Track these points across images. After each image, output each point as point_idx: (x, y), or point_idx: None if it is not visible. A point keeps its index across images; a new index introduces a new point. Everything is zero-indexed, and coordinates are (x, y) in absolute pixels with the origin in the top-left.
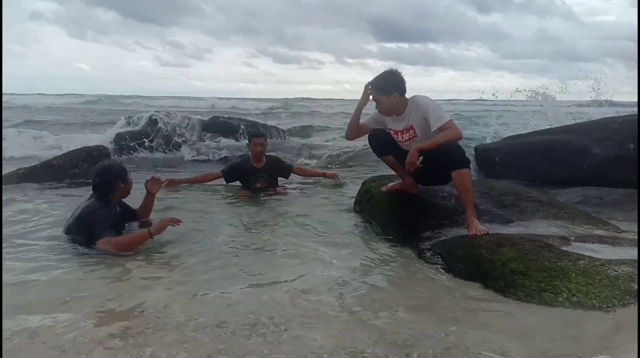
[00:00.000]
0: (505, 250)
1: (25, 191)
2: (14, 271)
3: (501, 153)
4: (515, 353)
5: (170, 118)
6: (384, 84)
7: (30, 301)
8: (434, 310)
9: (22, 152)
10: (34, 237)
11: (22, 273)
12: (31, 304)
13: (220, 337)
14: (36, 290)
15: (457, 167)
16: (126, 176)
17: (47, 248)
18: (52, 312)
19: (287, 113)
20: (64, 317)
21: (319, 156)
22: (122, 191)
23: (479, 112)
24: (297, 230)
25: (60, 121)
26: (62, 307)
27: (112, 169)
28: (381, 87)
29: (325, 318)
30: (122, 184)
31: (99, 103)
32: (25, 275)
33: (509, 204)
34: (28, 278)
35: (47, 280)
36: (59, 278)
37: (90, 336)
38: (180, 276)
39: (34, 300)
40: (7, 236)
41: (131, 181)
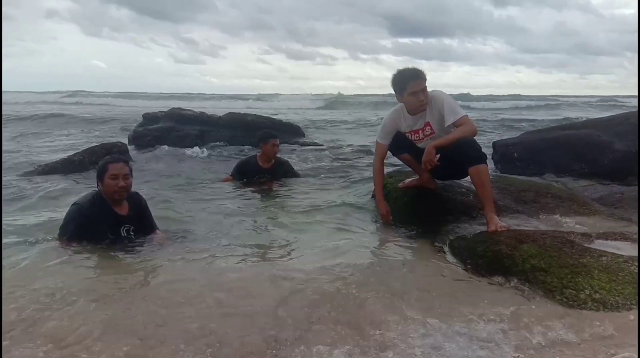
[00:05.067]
0: (526, 246)
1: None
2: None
3: (520, 148)
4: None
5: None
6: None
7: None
8: (452, 307)
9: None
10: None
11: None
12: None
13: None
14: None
15: (474, 163)
16: (102, 177)
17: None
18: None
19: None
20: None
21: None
22: (104, 190)
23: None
24: (313, 222)
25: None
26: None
27: (98, 166)
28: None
29: (339, 315)
30: (99, 183)
31: (119, 100)
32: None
33: (529, 201)
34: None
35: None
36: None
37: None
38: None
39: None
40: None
41: (113, 184)
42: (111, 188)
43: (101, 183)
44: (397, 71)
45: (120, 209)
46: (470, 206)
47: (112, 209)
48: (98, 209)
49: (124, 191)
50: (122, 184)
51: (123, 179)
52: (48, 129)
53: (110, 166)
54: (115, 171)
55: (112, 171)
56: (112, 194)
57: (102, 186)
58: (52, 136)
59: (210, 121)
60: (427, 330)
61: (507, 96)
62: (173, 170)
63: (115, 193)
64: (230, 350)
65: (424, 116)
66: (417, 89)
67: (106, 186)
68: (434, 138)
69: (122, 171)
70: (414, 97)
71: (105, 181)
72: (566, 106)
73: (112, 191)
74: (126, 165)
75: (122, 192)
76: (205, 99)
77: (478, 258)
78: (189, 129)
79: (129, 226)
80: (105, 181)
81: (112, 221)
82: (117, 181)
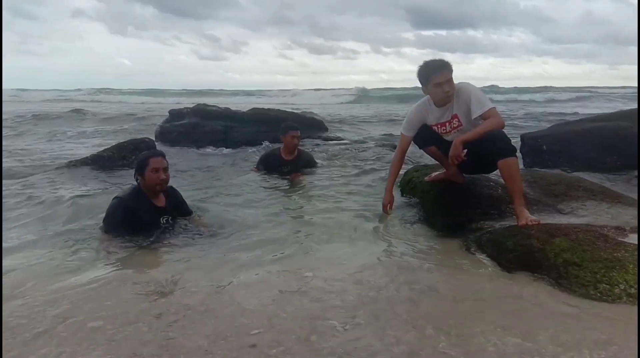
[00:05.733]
0: (558, 240)
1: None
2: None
3: (549, 140)
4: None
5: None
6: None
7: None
8: (481, 304)
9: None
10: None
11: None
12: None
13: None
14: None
15: (503, 156)
16: (143, 171)
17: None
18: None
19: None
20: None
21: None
22: (144, 184)
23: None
24: (338, 213)
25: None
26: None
27: (137, 161)
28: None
29: (365, 305)
30: (139, 176)
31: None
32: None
33: (560, 194)
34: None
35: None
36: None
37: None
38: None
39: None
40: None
41: (155, 177)
42: (153, 180)
43: (142, 177)
44: (423, 62)
45: (158, 201)
46: (499, 200)
47: (151, 201)
48: (138, 202)
49: (164, 183)
50: (163, 177)
51: (163, 172)
52: (77, 126)
53: (151, 160)
54: (156, 165)
55: (153, 164)
56: (153, 187)
57: (143, 180)
58: (82, 132)
59: (235, 117)
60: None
61: (536, 87)
62: (199, 164)
63: (157, 185)
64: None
65: (451, 108)
66: (441, 81)
67: (148, 179)
68: (462, 130)
69: (162, 164)
70: (438, 89)
71: (146, 175)
72: (596, 98)
73: (154, 184)
74: (164, 159)
75: (163, 184)
76: (227, 95)
77: (508, 252)
78: (213, 124)
79: (167, 216)
80: (147, 174)
81: (151, 212)
82: (158, 174)
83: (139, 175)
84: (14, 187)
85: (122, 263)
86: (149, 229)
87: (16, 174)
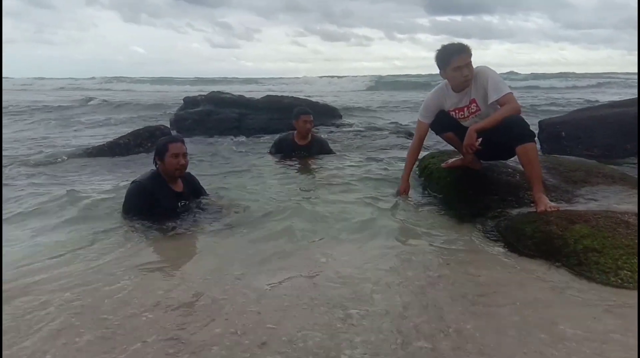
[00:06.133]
0: (578, 226)
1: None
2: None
3: (568, 127)
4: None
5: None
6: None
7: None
8: (498, 292)
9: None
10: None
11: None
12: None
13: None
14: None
15: (522, 141)
16: (163, 156)
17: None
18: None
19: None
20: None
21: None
22: (163, 169)
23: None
24: (352, 200)
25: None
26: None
27: (156, 146)
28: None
29: (382, 290)
30: (159, 161)
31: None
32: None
33: (579, 180)
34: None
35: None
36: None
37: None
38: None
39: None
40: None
41: (175, 162)
42: (172, 165)
43: (161, 162)
44: (442, 46)
45: (176, 187)
46: (517, 187)
47: (170, 186)
48: (157, 187)
49: (183, 169)
50: (183, 162)
51: (183, 157)
52: (91, 114)
53: (170, 145)
54: (175, 150)
55: (172, 150)
56: (172, 172)
57: (162, 165)
58: (96, 121)
59: (249, 104)
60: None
61: (555, 74)
62: (213, 151)
63: (176, 171)
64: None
65: (469, 93)
66: (460, 64)
67: (167, 165)
68: (480, 115)
69: (181, 150)
70: (457, 73)
71: (166, 160)
72: (615, 84)
73: (174, 169)
74: (184, 144)
75: (182, 169)
76: (240, 82)
77: (526, 239)
78: (228, 112)
79: (185, 201)
80: (167, 159)
81: (170, 197)
82: (178, 159)
83: (158, 160)
84: (33, 176)
85: (142, 249)
86: (167, 214)
87: (33, 162)
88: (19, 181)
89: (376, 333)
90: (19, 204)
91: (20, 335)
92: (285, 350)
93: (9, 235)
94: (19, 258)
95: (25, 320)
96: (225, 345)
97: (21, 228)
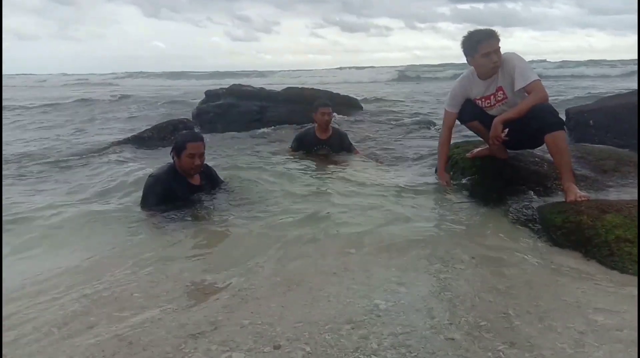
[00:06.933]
0: (609, 216)
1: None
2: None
3: (597, 115)
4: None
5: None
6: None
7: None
8: (528, 284)
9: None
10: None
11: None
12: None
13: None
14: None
15: (551, 129)
16: (180, 153)
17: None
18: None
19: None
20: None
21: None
22: (179, 165)
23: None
24: (376, 191)
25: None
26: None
27: (175, 141)
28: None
29: (413, 279)
30: (176, 157)
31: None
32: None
33: (609, 170)
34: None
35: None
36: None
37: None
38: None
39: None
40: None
41: (190, 162)
42: (188, 165)
43: (178, 159)
44: (468, 32)
45: (193, 181)
46: (545, 176)
47: (186, 180)
48: (173, 181)
49: (198, 169)
50: (198, 163)
51: (199, 157)
52: (118, 108)
53: (189, 144)
54: (193, 151)
55: (190, 149)
56: (187, 171)
57: (179, 161)
58: (121, 115)
59: (270, 97)
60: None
61: (586, 61)
62: (235, 142)
63: (191, 170)
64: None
65: (496, 81)
66: (489, 50)
67: (183, 163)
68: (507, 103)
69: (199, 150)
70: (486, 59)
71: (182, 159)
72: None
73: (189, 168)
74: (203, 144)
75: (197, 169)
76: (260, 76)
77: (556, 229)
78: (249, 104)
79: (202, 193)
80: (183, 158)
81: (186, 191)
82: (193, 159)
83: (175, 155)
84: (60, 171)
85: (164, 241)
86: (184, 205)
87: (59, 157)
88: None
89: (403, 326)
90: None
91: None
92: (310, 342)
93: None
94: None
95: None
96: (251, 336)
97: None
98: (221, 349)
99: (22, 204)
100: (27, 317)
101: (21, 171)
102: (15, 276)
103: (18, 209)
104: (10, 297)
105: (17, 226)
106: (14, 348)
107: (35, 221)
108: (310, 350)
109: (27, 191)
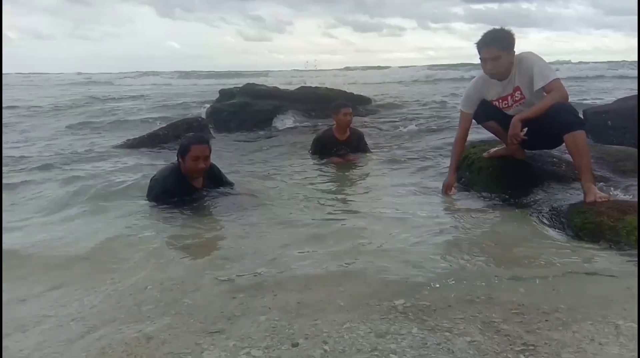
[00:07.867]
0: (630, 217)
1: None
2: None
3: (614, 115)
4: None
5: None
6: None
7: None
8: (552, 284)
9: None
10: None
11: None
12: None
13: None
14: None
15: (571, 129)
16: (184, 155)
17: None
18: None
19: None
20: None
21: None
22: (184, 167)
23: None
24: (390, 191)
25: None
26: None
27: (180, 143)
28: (503, 43)
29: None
30: (180, 159)
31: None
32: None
33: (628, 171)
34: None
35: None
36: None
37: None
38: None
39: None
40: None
41: (193, 165)
42: (191, 167)
43: (182, 161)
44: (484, 32)
45: (197, 183)
46: (563, 177)
47: (189, 182)
48: (176, 183)
49: (202, 172)
50: (202, 166)
51: (203, 160)
52: (134, 107)
53: (193, 147)
54: (197, 153)
55: (194, 152)
56: (191, 173)
57: (183, 163)
58: (135, 113)
59: (283, 96)
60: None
61: (607, 62)
62: (246, 146)
63: (195, 173)
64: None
65: (513, 81)
66: (485, 57)
67: (187, 165)
68: (524, 103)
69: (203, 153)
70: (483, 64)
71: (186, 161)
72: None
73: (192, 171)
74: (208, 147)
75: (200, 172)
76: (272, 76)
77: (576, 230)
78: (263, 104)
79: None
80: (187, 161)
81: (189, 193)
82: (197, 162)
83: (180, 157)
84: (77, 167)
85: (172, 237)
86: (187, 204)
87: (75, 155)
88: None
89: (419, 324)
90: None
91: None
92: (326, 340)
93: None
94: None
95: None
96: (268, 333)
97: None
98: (239, 345)
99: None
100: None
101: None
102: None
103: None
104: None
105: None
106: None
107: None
108: (328, 349)
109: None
